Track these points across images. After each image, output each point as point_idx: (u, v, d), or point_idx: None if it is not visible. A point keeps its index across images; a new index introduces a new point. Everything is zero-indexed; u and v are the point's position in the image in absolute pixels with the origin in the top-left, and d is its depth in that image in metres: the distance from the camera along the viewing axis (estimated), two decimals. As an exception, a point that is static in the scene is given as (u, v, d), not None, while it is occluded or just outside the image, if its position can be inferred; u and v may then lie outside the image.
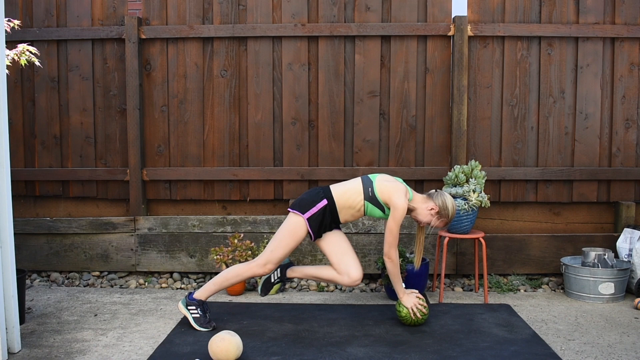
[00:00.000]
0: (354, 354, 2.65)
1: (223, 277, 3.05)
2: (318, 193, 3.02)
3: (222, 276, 3.05)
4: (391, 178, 3.05)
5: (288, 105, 4.01)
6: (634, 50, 3.90)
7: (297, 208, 3.00)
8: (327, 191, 3.02)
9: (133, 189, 4.03)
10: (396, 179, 3.06)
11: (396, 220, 2.93)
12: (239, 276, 3.04)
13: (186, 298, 3.06)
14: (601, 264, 3.57)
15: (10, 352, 2.66)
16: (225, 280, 3.04)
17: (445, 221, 3.05)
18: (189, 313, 3.02)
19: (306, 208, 2.98)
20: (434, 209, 3.01)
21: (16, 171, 4.05)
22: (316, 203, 2.98)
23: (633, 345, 2.80)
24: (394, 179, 3.06)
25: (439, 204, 3.01)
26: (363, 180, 3.04)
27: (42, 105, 4.11)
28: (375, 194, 2.98)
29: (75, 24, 4.06)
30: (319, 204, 2.98)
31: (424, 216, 3.03)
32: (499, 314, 3.25)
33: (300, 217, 2.98)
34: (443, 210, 3.00)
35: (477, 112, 3.95)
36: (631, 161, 3.96)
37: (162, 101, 4.06)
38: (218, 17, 3.99)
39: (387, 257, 2.99)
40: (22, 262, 3.98)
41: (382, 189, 2.97)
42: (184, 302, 3.05)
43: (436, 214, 3.02)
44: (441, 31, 3.89)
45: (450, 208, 3.01)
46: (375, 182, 3.01)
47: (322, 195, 3.00)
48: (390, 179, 3.04)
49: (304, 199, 3.03)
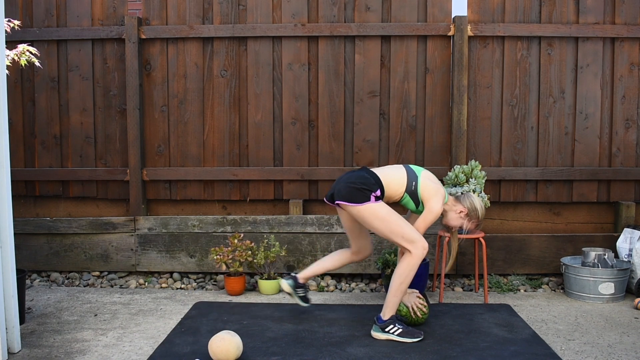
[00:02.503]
0: (354, 354, 2.65)
1: (399, 285, 2.84)
2: (368, 179, 2.88)
3: (397, 285, 2.83)
4: (435, 179, 3.03)
5: (288, 105, 4.01)
6: (634, 50, 3.90)
7: (358, 197, 2.83)
8: (377, 179, 2.90)
9: (133, 189, 4.03)
10: (438, 182, 3.05)
11: (427, 222, 2.91)
12: (413, 270, 2.83)
13: (377, 325, 2.85)
14: (601, 264, 3.57)
15: (10, 352, 2.66)
16: (402, 284, 2.84)
17: (476, 222, 3.04)
18: (392, 334, 2.81)
19: (366, 194, 2.83)
20: (463, 211, 3.01)
21: (16, 171, 4.05)
22: (374, 189, 2.84)
23: (633, 345, 2.80)
24: (437, 180, 3.04)
25: (467, 206, 3.01)
26: (408, 173, 2.97)
27: (42, 105, 4.11)
28: (417, 189, 2.94)
29: (75, 24, 4.06)
30: (376, 192, 2.85)
31: (455, 220, 3.04)
32: (499, 314, 3.25)
33: (368, 204, 2.83)
34: (472, 212, 3.01)
35: (477, 112, 3.95)
36: (631, 161, 3.96)
37: (162, 101, 4.06)
38: (218, 17, 3.99)
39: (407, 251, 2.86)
40: (22, 262, 3.98)
41: (425, 187, 2.94)
42: (378, 329, 2.84)
43: (466, 217, 3.02)
44: (441, 31, 3.89)
45: (479, 209, 3.01)
46: (420, 177, 2.96)
47: (376, 185, 2.87)
48: (434, 179, 3.01)
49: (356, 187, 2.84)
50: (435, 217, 2.93)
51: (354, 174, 2.94)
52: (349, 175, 2.95)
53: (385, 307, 2.88)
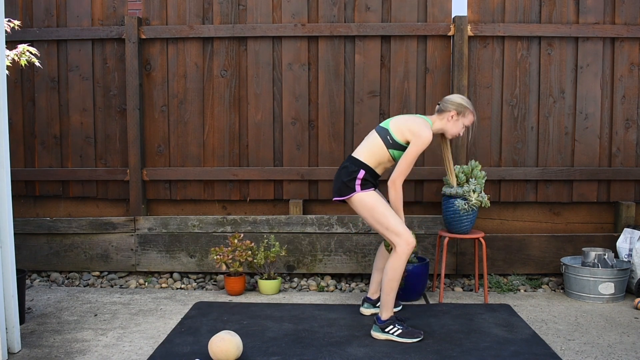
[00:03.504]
0: (354, 354, 2.65)
1: (389, 282, 2.84)
2: (350, 167, 2.93)
3: (387, 283, 2.84)
4: (405, 116, 2.97)
5: (288, 105, 4.01)
6: (634, 50, 3.90)
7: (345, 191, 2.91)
8: (355, 161, 2.94)
9: (133, 189, 4.03)
10: (411, 115, 2.99)
11: (417, 147, 2.83)
12: (399, 267, 2.83)
13: (377, 325, 2.86)
14: (601, 264, 3.57)
15: (10, 352, 2.66)
16: (393, 282, 2.84)
17: (471, 113, 2.98)
18: (392, 334, 2.82)
19: (350, 185, 2.89)
20: (453, 115, 2.95)
21: (16, 171, 4.05)
22: (355, 175, 2.89)
23: (633, 345, 2.80)
24: (408, 115, 2.98)
25: (453, 108, 2.95)
26: (379, 132, 2.96)
27: (42, 105, 4.11)
28: (394, 139, 2.91)
29: (75, 24, 4.06)
30: (360, 174, 2.89)
31: (453, 127, 2.98)
32: (499, 314, 3.25)
33: (356, 194, 2.88)
34: (460, 107, 2.95)
35: (477, 112, 3.95)
36: (631, 161, 3.96)
37: (162, 101, 4.06)
38: (218, 17, 3.99)
39: (392, 183, 2.85)
40: (22, 262, 3.99)
41: (400, 131, 2.90)
42: (378, 329, 2.85)
43: (459, 116, 2.96)
44: (441, 31, 3.89)
45: (462, 101, 2.97)
46: (390, 128, 2.94)
47: (357, 167, 2.91)
48: (404, 117, 2.95)
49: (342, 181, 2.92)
50: (426, 141, 2.83)
51: (340, 168, 3.00)
52: (337, 171, 3.01)
53: (382, 308, 2.88)
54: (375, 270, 3.26)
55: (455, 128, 3.01)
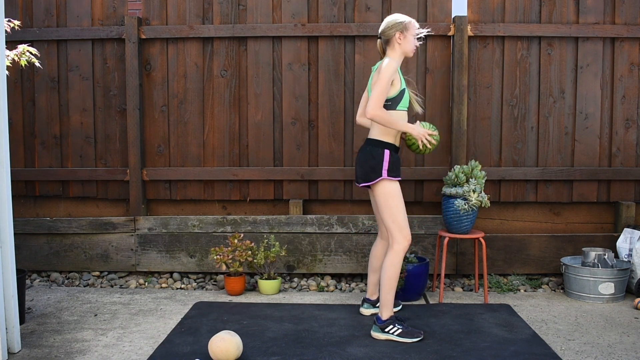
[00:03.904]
0: (354, 354, 2.65)
1: (388, 280, 2.87)
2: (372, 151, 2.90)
3: (386, 282, 2.87)
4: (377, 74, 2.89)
5: (288, 105, 4.01)
6: (634, 50, 3.90)
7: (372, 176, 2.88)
8: (375, 142, 2.91)
9: (133, 189, 4.03)
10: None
11: (384, 73, 2.79)
12: (397, 264, 2.86)
13: (376, 325, 2.87)
14: (601, 264, 3.57)
15: (10, 352, 2.66)
16: (391, 280, 2.87)
17: (413, 23, 2.93)
18: (392, 334, 2.83)
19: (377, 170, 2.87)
20: (399, 36, 2.90)
21: (16, 171, 4.05)
22: (381, 157, 2.87)
23: (633, 345, 2.80)
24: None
25: (394, 30, 2.89)
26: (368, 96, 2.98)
27: (42, 105, 4.11)
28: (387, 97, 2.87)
29: (75, 24, 4.06)
30: (385, 156, 2.88)
31: (406, 46, 2.92)
32: (499, 314, 3.25)
33: (384, 180, 2.87)
34: (399, 26, 2.90)
35: (477, 112, 3.95)
36: (631, 161, 3.96)
37: (162, 101, 4.06)
38: (218, 17, 3.99)
39: (371, 116, 2.78)
40: (22, 262, 3.99)
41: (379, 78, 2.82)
42: (378, 329, 2.86)
43: (406, 32, 2.91)
44: (441, 31, 3.89)
45: (397, 18, 2.92)
46: (371, 85, 2.95)
47: (381, 149, 2.89)
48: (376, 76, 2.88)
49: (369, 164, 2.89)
50: (390, 65, 2.80)
51: (363, 153, 2.95)
52: (359, 157, 2.97)
53: (381, 307, 2.88)
54: (371, 271, 3.25)
55: (409, 44, 2.94)
